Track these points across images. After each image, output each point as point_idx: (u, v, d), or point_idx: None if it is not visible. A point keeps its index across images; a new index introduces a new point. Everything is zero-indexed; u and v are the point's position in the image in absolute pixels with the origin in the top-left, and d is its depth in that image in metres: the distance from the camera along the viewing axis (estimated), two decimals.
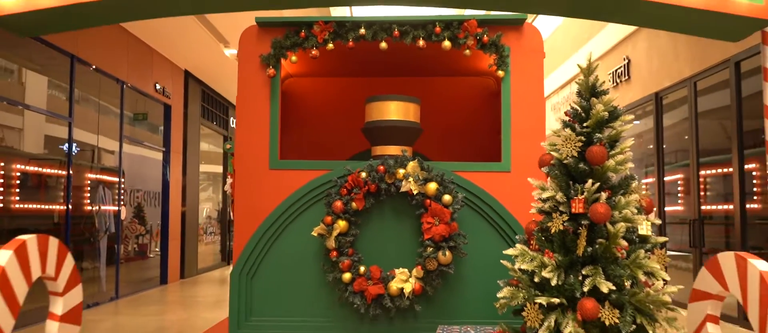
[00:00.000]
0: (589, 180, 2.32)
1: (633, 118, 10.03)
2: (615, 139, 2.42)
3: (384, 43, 3.75)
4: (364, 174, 3.31)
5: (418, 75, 4.66)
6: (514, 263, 2.44)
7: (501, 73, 3.85)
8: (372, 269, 3.27)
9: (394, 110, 3.80)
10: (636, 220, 2.32)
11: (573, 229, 2.34)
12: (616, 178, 2.40)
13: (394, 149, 3.72)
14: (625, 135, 2.51)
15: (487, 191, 3.41)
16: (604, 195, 2.32)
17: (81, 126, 6.97)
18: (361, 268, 3.26)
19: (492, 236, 3.32)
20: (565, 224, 2.35)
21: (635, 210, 2.35)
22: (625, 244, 2.29)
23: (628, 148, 2.42)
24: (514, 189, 3.42)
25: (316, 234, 3.28)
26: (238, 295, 3.33)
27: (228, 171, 4.40)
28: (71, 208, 6.67)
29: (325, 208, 3.35)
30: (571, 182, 2.40)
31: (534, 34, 3.89)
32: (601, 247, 2.28)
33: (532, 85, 3.91)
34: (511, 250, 2.47)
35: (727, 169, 6.35)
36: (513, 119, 3.80)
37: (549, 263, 2.32)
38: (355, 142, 4.40)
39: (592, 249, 2.29)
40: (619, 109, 2.44)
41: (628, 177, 2.43)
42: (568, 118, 2.51)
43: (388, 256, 3.35)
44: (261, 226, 3.43)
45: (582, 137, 2.40)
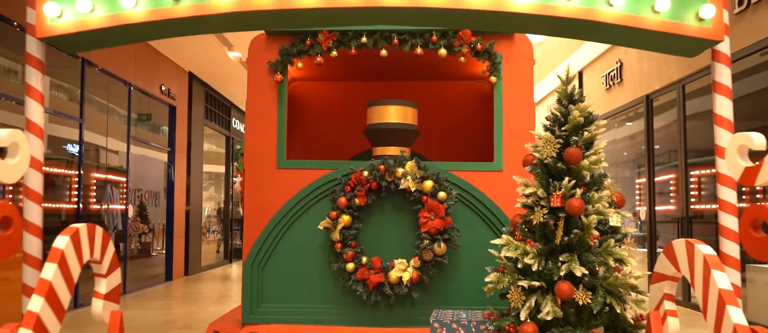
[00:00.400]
0: (566, 178, 2.65)
1: (606, 123, 10.50)
2: (590, 141, 2.75)
3: (384, 51, 4.07)
4: (366, 173, 3.62)
5: (415, 79, 4.98)
6: (501, 251, 2.77)
7: (493, 78, 4.16)
8: (373, 260, 3.57)
9: (394, 114, 4.11)
10: (607, 213, 2.64)
11: (552, 221, 2.67)
12: (590, 176, 2.73)
13: (393, 150, 4.02)
14: (601, 137, 2.84)
15: (479, 189, 3.72)
16: (580, 191, 2.64)
17: (86, 126, 7.26)
18: (364, 259, 3.57)
19: (483, 229, 3.63)
20: (545, 217, 2.67)
21: (607, 204, 2.68)
22: (597, 234, 2.62)
23: (601, 150, 2.74)
24: (505, 187, 3.72)
25: (322, 227, 3.59)
26: (250, 284, 3.64)
27: (238, 170, 4.71)
28: (81, 206, 6.99)
29: (330, 204, 3.65)
30: (550, 179, 2.72)
31: (524, 43, 4.20)
32: (576, 237, 2.60)
33: (523, 90, 4.23)
34: (497, 240, 2.79)
35: (715, 170, 6.66)
36: (505, 122, 4.12)
37: (531, 251, 2.65)
38: (356, 143, 4.70)
39: (569, 238, 2.61)
40: (594, 114, 2.77)
41: (601, 175, 2.76)
42: (548, 123, 2.83)
43: (388, 247, 3.64)
44: (271, 220, 3.73)
45: (560, 140, 2.73)
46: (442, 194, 3.54)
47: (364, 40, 4.00)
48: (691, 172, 7.14)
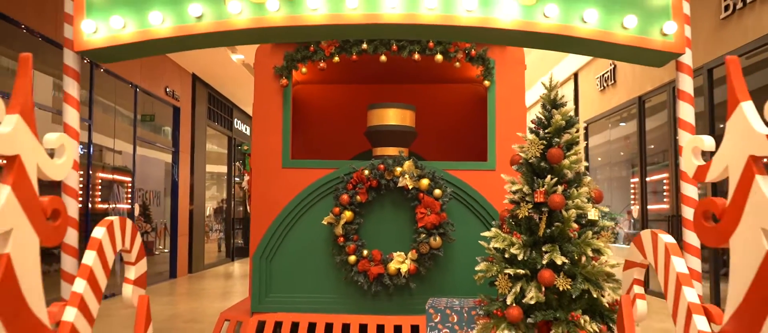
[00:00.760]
0: (549, 176, 2.95)
1: (585, 126, 10.66)
2: (571, 143, 3.05)
3: (384, 57, 4.37)
4: (366, 171, 3.92)
5: (413, 83, 5.28)
6: (490, 243, 3.07)
7: (487, 83, 4.46)
8: (373, 252, 3.87)
9: (393, 116, 4.42)
10: (585, 207, 2.95)
11: (536, 215, 2.97)
12: (570, 174, 3.03)
13: (392, 150, 4.32)
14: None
15: (472, 186, 4.02)
16: (561, 188, 2.94)
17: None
18: (365, 252, 3.88)
19: (476, 224, 3.93)
20: (530, 211, 2.98)
21: (585, 199, 2.98)
22: (577, 226, 2.92)
23: (580, 151, 3.05)
24: (497, 185, 4.00)
25: (325, 222, 3.89)
26: (259, 275, 3.94)
27: (245, 169, 5.01)
28: (90, 205, 7.29)
29: (333, 201, 3.96)
30: (535, 177, 3.03)
31: (516, 49, 4.48)
32: (557, 229, 2.91)
33: (515, 93, 4.53)
34: (487, 233, 3.10)
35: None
36: (497, 123, 4.41)
37: (517, 242, 2.95)
38: (357, 144, 5.00)
39: (551, 230, 2.92)
40: (574, 118, 3.07)
41: (580, 173, 3.06)
42: (533, 126, 3.14)
43: (387, 241, 3.94)
44: (278, 217, 4.03)
45: (544, 141, 3.03)
46: (437, 191, 3.84)
47: (365, 46, 4.30)
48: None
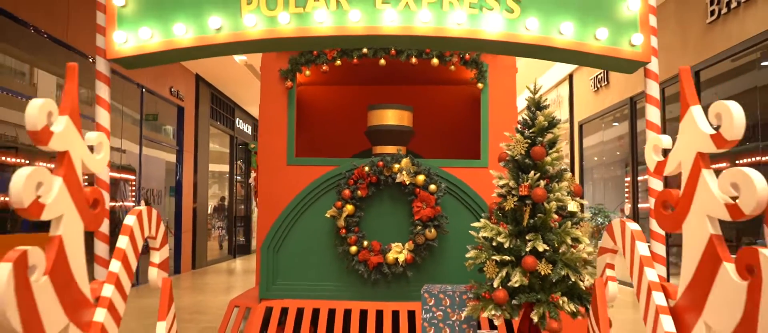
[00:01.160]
0: (532, 171, 3.29)
1: (567, 126, 11.05)
2: (553, 141, 3.38)
3: (383, 60, 4.70)
4: (367, 168, 4.26)
5: (411, 84, 5.62)
6: (479, 233, 3.40)
7: (480, 85, 4.80)
8: (373, 243, 4.21)
9: (391, 116, 4.75)
10: (566, 200, 3.28)
11: (520, 207, 3.31)
12: (552, 170, 3.36)
13: (391, 148, 4.66)
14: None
15: (465, 182, 4.35)
16: (543, 182, 3.28)
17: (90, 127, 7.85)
18: (365, 243, 4.21)
19: (468, 217, 4.26)
20: (516, 204, 3.31)
21: (566, 193, 3.32)
22: (557, 217, 3.26)
23: (561, 149, 3.38)
24: (489, 180, 4.31)
25: (328, 215, 4.23)
26: (267, 264, 4.28)
27: (251, 166, 5.35)
28: None
29: (335, 195, 4.29)
30: (520, 173, 3.36)
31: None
32: (540, 220, 3.24)
33: (507, 95, 4.87)
34: (477, 224, 3.43)
35: None
36: (490, 123, 4.75)
37: (503, 232, 3.29)
38: (358, 142, 5.34)
39: (534, 221, 3.25)
40: (556, 119, 3.41)
41: (562, 169, 3.40)
42: (519, 126, 3.47)
43: (386, 233, 4.26)
44: (284, 210, 4.36)
45: (528, 140, 3.37)
46: (432, 187, 4.18)
47: (365, 51, 4.64)
48: None
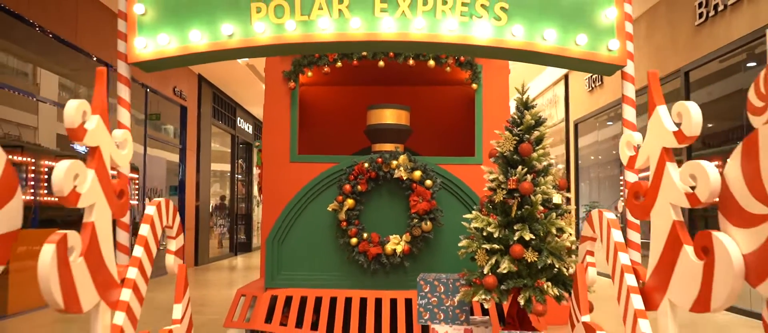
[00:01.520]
0: (520, 166, 3.58)
1: (554, 125, 11.37)
2: (539, 139, 3.67)
3: (382, 62, 5.00)
4: (366, 164, 4.54)
5: (408, 85, 5.92)
6: (471, 224, 3.69)
7: (475, 85, 5.10)
8: (372, 235, 4.50)
9: (390, 115, 5.05)
10: (551, 193, 3.57)
11: (509, 200, 3.60)
12: (539, 166, 3.65)
13: (389, 146, 4.95)
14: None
15: (460, 178, 4.65)
16: (530, 176, 3.57)
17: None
18: (364, 235, 4.50)
19: (462, 211, 4.54)
20: (505, 196, 3.60)
21: (551, 187, 3.61)
22: (543, 209, 3.55)
23: (548, 146, 3.68)
24: (482, 176, 4.64)
25: (330, 209, 4.52)
26: (272, 256, 4.56)
27: (256, 164, 5.65)
28: None
29: (336, 190, 4.58)
30: (508, 168, 3.66)
31: None
32: (527, 211, 3.53)
33: (500, 95, 5.17)
34: (469, 215, 3.72)
35: None
36: (484, 122, 5.05)
37: (493, 222, 3.58)
38: (358, 140, 5.64)
39: (521, 212, 3.54)
40: (542, 118, 3.70)
41: (548, 165, 3.69)
42: (508, 124, 3.76)
43: (384, 225, 4.54)
44: (287, 205, 4.65)
45: (516, 137, 3.66)
46: (428, 182, 4.47)
47: (365, 53, 4.94)
48: None
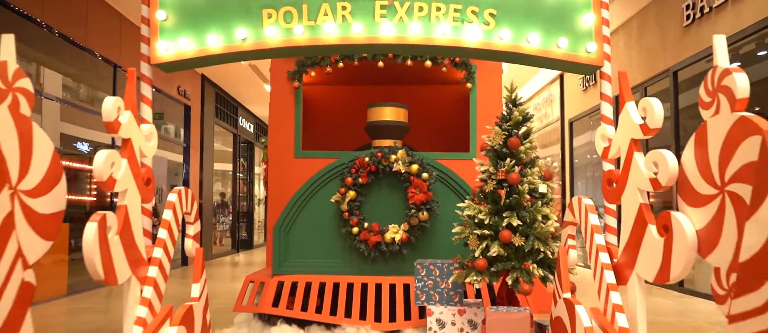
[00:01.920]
0: (508, 158, 3.94)
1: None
2: (526, 134, 4.03)
3: (381, 63, 5.35)
4: (367, 159, 4.90)
5: (406, 84, 6.28)
6: (464, 211, 4.05)
7: (469, 85, 5.45)
8: (373, 225, 4.85)
9: (389, 113, 5.40)
10: (537, 183, 3.93)
11: (499, 189, 3.96)
12: (526, 158, 4.01)
13: (388, 142, 5.30)
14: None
15: (454, 171, 5.00)
16: (518, 168, 3.93)
17: (96, 127, 8.43)
18: (365, 224, 4.85)
19: (457, 202, 4.89)
20: (495, 186, 3.96)
21: (538, 178, 3.97)
22: (530, 198, 3.91)
23: (534, 140, 4.04)
24: (475, 170, 5.01)
25: (333, 200, 4.87)
26: (279, 244, 4.92)
27: (263, 159, 6.00)
28: (109, 199, 8.26)
29: (339, 183, 4.94)
30: (498, 160, 4.02)
31: None
32: (515, 200, 3.89)
33: (493, 94, 5.53)
34: (462, 204, 4.09)
35: None
36: (478, 120, 5.40)
37: (484, 210, 3.94)
38: (359, 137, 5.99)
39: (510, 201, 3.90)
40: (529, 114, 4.06)
41: (535, 157, 4.05)
42: (497, 120, 4.12)
43: (384, 215, 4.89)
44: (293, 197, 5.00)
45: (506, 132, 4.02)
46: (425, 175, 4.83)
47: (365, 54, 5.29)
48: None
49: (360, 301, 4.69)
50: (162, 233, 3.23)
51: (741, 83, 2.26)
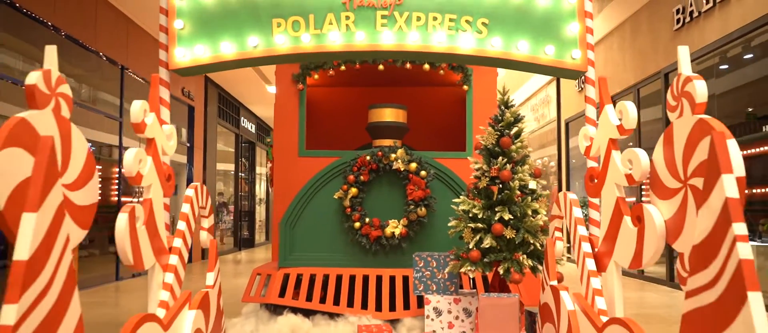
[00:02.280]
0: (501, 157, 4.27)
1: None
2: (517, 134, 4.36)
3: (381, 66, 5.68)
4: (368, 157, 5.22)
5: (406, 86, 6.60)
6: (459, 206, 4.38)
7: (466, 87, 5.78)
8: (373, 220, 5.18)
9: (389, 114, 5.72)
10: (527, 179, 4.27)
11: (491, 186, 4.29)
12: (517, 156, 4.34)
13: (388, 141, 5.62)
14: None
15: (451, 169, 5.33)
16: (510, 166, 4.26)
17: (97, 127, 8.80)
18: (366, 219, 5.18)
19: (453, 198, 5.23)
20: (488, 183, 4.29)
21: (528, 175, 4.30)
22: (520, 193, 4.24)
23: (525, 140, 4.37)
24: (470, 166, 5.33)
25: (336, 197, 5.20)
26: (284, 238, 5.24)
27: (268, 158, 6.32)
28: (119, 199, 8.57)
29: (341, 180, 5.26)
30: (491, 158, 4.35)
31: None
32: (506, 195, 4.22)
33: (488, 96, 5.85)
34: (457, 199, 4.41)
35: None
36: (474, 121, 5.73)
37: (477, 205, 4.27)
38: (360, 137, 6.31)
39: (502, 196, 4.23)
40: (520, 115, 4.39)
41: (525, 156, 4.38)
42: (490, 121, 4.45)
43: (384, 211, 5.22)
44: (297, 194, 5.32)
45: (498, 132, 4.35)
46: (423, 173, 5.16)
47: (366, 57, 5.60)
48: None
49: (362, 292, 5.00)
50: (181, 225, 3.56)
51: (700, 89, 2.59)
